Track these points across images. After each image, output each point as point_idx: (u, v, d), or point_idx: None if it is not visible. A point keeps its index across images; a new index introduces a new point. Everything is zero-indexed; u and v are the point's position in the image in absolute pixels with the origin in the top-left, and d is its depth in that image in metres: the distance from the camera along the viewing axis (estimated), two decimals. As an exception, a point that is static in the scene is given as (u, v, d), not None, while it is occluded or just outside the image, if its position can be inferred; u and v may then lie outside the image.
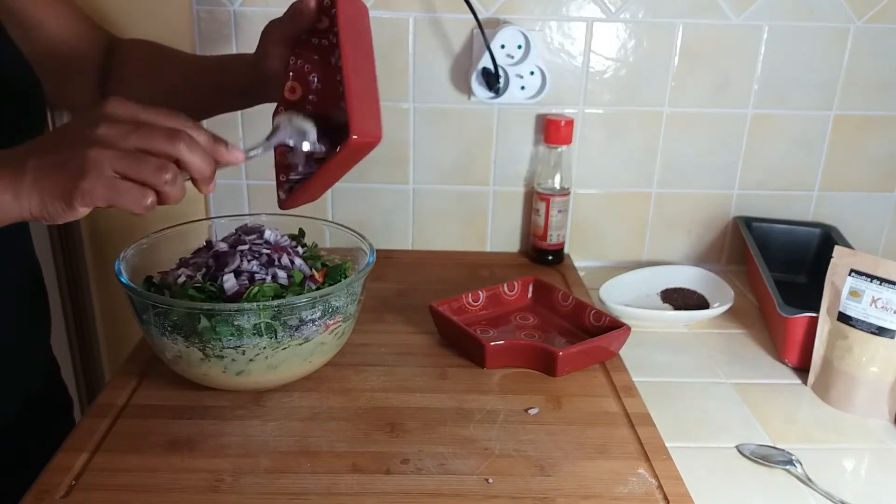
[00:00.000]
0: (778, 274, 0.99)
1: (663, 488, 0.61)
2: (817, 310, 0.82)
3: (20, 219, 0.53)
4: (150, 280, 0.74)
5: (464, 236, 1.14)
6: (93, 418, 0.69)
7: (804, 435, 0.75)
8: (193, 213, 1.08)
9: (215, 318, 0.65)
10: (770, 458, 0.70)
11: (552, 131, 1.03)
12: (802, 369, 0.85)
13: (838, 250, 0.82)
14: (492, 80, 1.01)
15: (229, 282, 0.68)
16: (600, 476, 0.63)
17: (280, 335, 0.67)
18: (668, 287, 1.04)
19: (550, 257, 1.09)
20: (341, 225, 0.82)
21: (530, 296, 0.94)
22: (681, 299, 1.02)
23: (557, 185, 1.05)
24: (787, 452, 0.70)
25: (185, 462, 0.63)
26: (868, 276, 0.78)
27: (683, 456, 0.67)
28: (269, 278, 0.69)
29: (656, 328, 0.94)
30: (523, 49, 1.01)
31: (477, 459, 0.64)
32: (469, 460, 0.64)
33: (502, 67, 1.01)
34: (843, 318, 0.79)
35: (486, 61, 1.00)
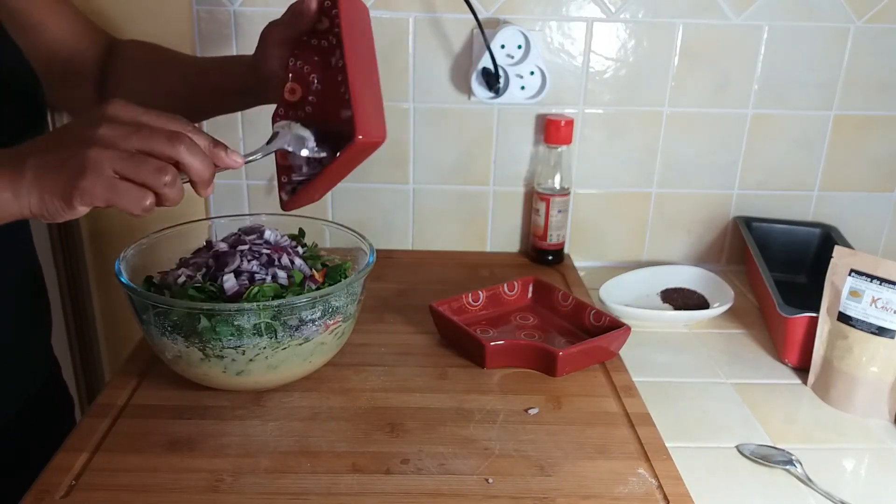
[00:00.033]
0: (778, 274, 0.99)
1: (663, 488, 0.61)
2: (817, 310, 0.82)
3: (20, 216, 0.54)
4: (150, 280, 0.74)
5: (464, 236, 1.14)
6: (93, 418, 0.69)
7: (804, 435, 0.75)
8: (193, 213, 1.08)
9: (215, 318, 0.65)
10: (770, 458, 0.70)
11: (552, 131, 1.03)
12: (802, 369, 0.85)
13: (838, 250, 0.82)
14: (492, 80, 1.01)
15: (229, 282, 0.68)
16: (600, 476, 0.63)
17: (280, 335, 0.67)
18: (668, 287, 1.04)
19: (550, 257, 1.09)
20: (341, 225, 0.82)
21: (530, 296, 0.94)
22: (681, 299, 1.02)
23: (557, 185, 1.05)
24: (787, 452, 0.70)
25: (185, 462, 0.63)
26: (868, 276, 0.78)
27: (683, 456, 0.67)
28: (269, 278, 0.69)
29: (656, 328, 0.94)
30: (523, 49, 1.01)
31: (477, 459, 0.64)
32: (469, 460, 0.64)
33: (502, 67, 1.01)
34: (843, 318, 0.79)
35: (486, 61, 1.00)
